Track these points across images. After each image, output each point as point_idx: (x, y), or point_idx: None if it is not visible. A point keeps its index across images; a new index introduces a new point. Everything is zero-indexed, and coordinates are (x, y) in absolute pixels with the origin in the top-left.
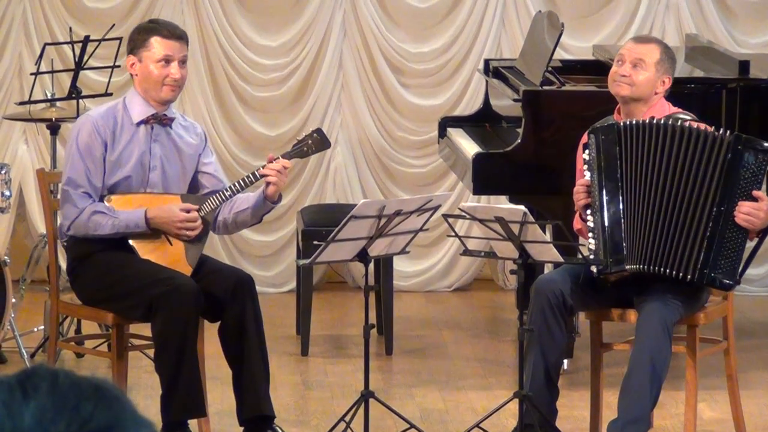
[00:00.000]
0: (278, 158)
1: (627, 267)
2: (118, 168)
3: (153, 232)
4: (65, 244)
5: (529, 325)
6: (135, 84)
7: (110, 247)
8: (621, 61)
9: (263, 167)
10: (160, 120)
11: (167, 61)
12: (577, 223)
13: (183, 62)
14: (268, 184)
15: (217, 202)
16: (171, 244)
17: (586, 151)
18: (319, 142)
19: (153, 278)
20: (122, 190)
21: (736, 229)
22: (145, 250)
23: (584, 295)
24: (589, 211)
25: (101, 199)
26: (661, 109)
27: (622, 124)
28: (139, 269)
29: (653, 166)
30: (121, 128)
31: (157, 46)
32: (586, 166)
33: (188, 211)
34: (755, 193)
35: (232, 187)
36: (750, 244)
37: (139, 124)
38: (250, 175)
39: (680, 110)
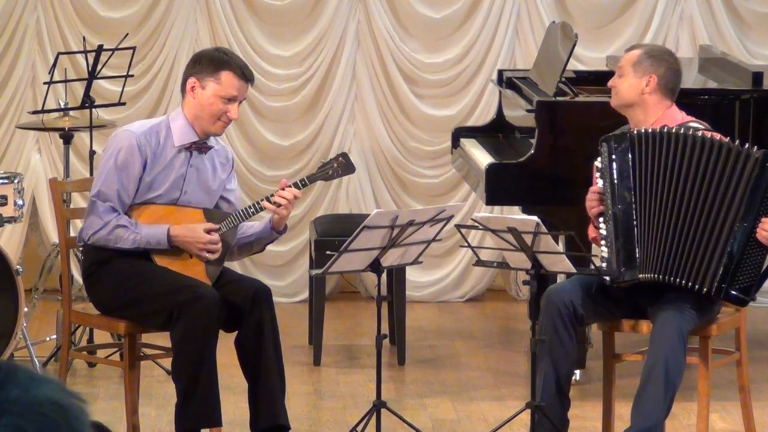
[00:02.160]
0: (290, 186)
1: (640, 276)
2: (151, 190)
3: (174, 249)
4: (82, 249)
5: (540, 335)
6: (185, 105)
7: (129, 254)
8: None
9: (275, 194)
10: (200, 147)
11: (231, 99)
12: (591, 232)
13: (241, 103)
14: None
15: (239, 220)
16: (191, 258)
17: (598, 159)
18: (344, 166)
19: (177, 285)
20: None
21: (756, 246)
22: (164, 263)
23: (596, 305)
24: (601, 219)
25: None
26: (673, 118)
27: (636, 132)
28: (162, 276)
29: (671, 175)
30: (162, 149)
31: (228, 82)
32: (598, 174)
33: (210, 232)
34: None
35: (255, 205)
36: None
37: (179, 148)
38: (268, 198)
39: (693, 119)
